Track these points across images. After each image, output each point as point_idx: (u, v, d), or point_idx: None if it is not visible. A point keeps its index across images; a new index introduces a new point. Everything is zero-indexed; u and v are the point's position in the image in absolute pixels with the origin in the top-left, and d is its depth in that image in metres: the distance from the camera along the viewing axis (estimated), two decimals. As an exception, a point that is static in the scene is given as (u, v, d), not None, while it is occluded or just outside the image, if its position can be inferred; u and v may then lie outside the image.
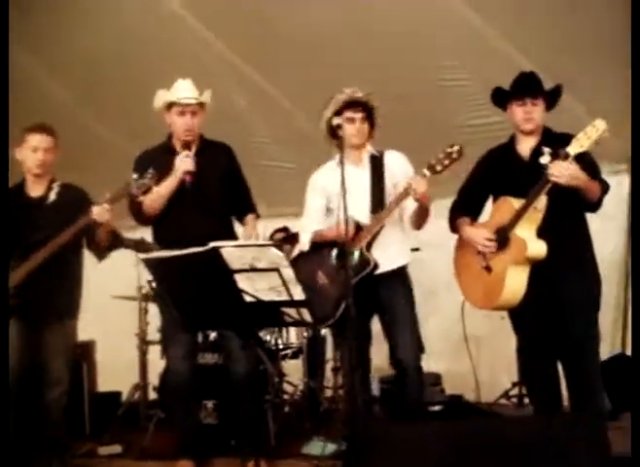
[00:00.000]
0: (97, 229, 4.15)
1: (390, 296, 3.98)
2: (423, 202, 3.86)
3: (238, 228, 4.45)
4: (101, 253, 4.36)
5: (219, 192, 4.26)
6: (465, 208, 4.11)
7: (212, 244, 2.78)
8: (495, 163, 4.05)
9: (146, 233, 5.71)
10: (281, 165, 6.58)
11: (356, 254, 3.84)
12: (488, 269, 3.88)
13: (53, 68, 6.16)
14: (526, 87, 3.93)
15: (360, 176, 4.05)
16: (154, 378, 5.56)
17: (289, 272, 2.74)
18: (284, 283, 2.74)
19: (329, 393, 5.80)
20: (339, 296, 3.82)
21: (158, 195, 4.13)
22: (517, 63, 5.11)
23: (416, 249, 5.11)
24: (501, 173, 4.00)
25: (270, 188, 6.10)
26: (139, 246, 5.49)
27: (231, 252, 2.76)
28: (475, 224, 4.06)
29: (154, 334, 5.59)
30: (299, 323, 2.89)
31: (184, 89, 4.23)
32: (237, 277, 2.80)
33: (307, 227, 4.18)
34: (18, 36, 5.53)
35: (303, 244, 4.12)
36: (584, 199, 3.77)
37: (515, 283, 3.76)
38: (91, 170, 5.84)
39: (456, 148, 3.76)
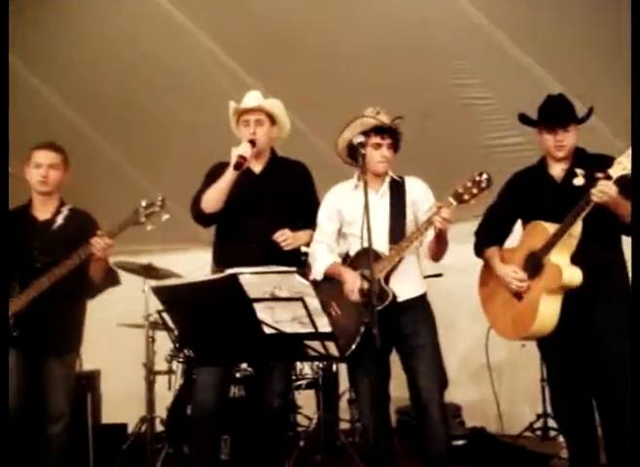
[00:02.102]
0: (93, 262, 3.93)
1: (410, 325, 3.72)
2: (443, 234, 3.62)
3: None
4: (92, 290, 4.14)
5: (286, 210, 4.02)
6: (492, 232, 3.92)
7: (229, 271, 2.54)
8: (525, 186, 3.86)
9: (152, 259, 5.63)
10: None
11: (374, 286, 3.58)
12: (519, 296, 3.68)
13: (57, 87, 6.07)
14: (557, 115, 3.73)
15: (379, 202, 3.81)
16: (161, 411, 5.34)
17: (314, 302, 2.50)
18: (309, 314, 2.50)
19: (344, 426, 5.56)
20: (355, 328, 3.59)
21: (216, 187, 3.91)
22: (540, 80, 4.95)
23: (439, 275, 4.92)
24: (531, 196, 3.81)
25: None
26: (146, 272, 5.36)
27: (250, 279, 2.52)
28: (504, 252, 3.85)
29: (161, 364, 5.40)
30: (323, 358, 2.63)
31: (248, 99, 4.06)
32: (256, 307, 2.55)
33: (320, 254, 3.90)
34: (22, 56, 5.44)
35: (317, 274, 3.86)
36: (622, 222, 3.57)
37: (548, 312, 3.56)
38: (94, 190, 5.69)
39: (485, 176, 3.51)
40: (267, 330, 2.59)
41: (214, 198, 3.92)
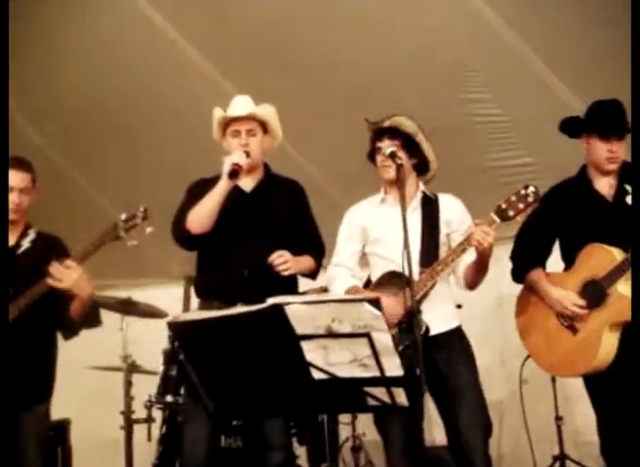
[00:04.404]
0: (70, 298, 3.44)
1: (446, 364, 3.29)
2: (486, 256, 3.21)
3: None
4: (69, 328, 3.62)
5: (280, 233, 3.54)
6: (532, 255, 3.56)
7: (271, 300, 2.01)
8: (568, 202, 3.51)
9: (132, 293, 5.09)
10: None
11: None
12: (573, 328, 3.34)
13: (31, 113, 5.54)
14: (613, 122, 3.38)
15: (409, 219, 3.28)
16: (139, 464, 4.79)
17: (385, 339, 1.97)
18: (375, 354, 1.98)
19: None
20: None
21: (205, 203, 3.43)
22: (558, 97, 4.56)
23: (458, 306, 4.49)
24: (577, 214, 3.46)
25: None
26: (124, 307, 4.86)
27: (298, 311, 1.99)
28: (551, 277, 3.47)
29: (140, 411, 4.82)
30: (388, 408, 2.11)
31: (238, 105, 3.58)
32: (305, 346, 2.03)
33: (340, 278, 3.47)
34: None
35: None
36: None
37: (609, 347, 3.27)
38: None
39: (532, 189, 3.11)
40: (317, 375, 2.05)
41: (204, 216, 3.43)
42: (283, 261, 3.40)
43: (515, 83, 4.58)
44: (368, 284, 3.47)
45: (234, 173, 3.38)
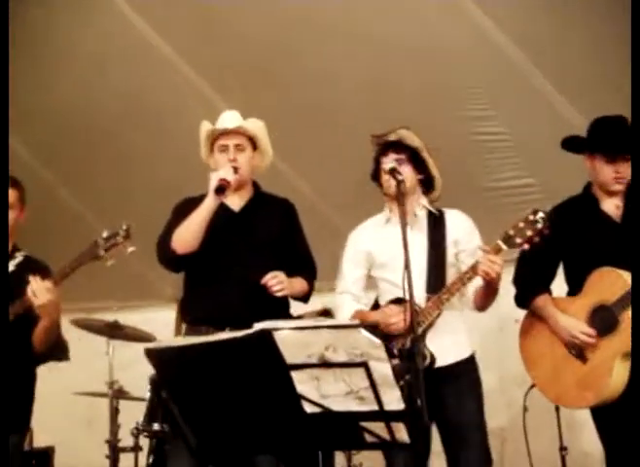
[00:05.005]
0: (39, 323, 3.33)
1: (452, 397, 3.14)
2: (494, 284, 3.06)
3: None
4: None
5: (271, 255, 3.40)
6: (537, 279, 3.38)
7: (259, 326, 1.83)
8: (573, 222, 3.34)
9: (122, 316, 4.97)
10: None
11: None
12: (582, 357, 3.17)
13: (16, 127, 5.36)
14: (619, 142, 3.21)
15: (414, 239, 3.15)
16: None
17: (384, 369, 1.79)
18: (372, 385, 1.80)
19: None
20: None
21: (192, 221, 3.31)
22: (561, 114, 4.42)
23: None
24: (582, 235, 3.30)
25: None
26: (110, 331, 4.71)
27: (289, 337, 1.81)
28: (558, 302, 3.31)
29: (127, 439, 4.61)
30: (387, 445, 1.92)
31: (226, 119, 3.45)
32: (296, 377, 1.84)
33: (345, 305, 3.33)
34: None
35: None
36: None
37: (621, 376, 3.08)
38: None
39: (541, 215, 2.95)
40: (309, 408, 1.87)
41: (189, 235, 3.30)
42: (278, 281, 3.26)
43: (518, 101, 4.45)
44: (375, 307, 3.34)
45: (221, 189, 3.25)
